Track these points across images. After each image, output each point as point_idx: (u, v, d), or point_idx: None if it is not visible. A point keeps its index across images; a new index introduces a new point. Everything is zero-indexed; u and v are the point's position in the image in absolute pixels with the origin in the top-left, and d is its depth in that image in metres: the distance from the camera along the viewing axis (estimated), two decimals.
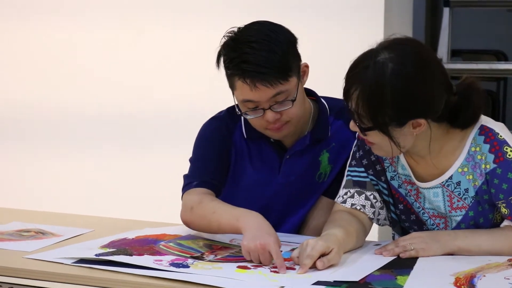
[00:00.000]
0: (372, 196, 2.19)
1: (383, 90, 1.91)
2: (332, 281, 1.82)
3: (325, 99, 2.39)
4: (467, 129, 2.05)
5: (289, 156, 2.34)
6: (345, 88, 1.98)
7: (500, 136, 2.03)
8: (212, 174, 2.30)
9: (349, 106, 1.98)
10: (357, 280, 1.83)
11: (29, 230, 2.35)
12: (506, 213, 2.03)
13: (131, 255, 2.00)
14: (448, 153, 2.07)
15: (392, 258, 2.02)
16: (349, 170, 2.22)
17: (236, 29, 2.21)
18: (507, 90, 5.81)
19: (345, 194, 2.20)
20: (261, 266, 1.94)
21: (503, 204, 2.02)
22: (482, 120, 2.06)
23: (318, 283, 1.81)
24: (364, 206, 2.18)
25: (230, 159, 2.34)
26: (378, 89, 1.92)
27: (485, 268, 1.90)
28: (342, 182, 2.23)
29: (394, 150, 2.00)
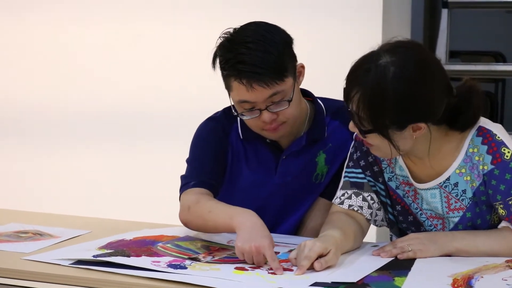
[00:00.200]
0: (369, 197, 2.19)
1: (384, 94, 1.91)
2: (330, 282, 1.82)
3: (322, 99, 2.39)
4: (465, 131, 2.05)
5: (286, 156, 2.34)
6: (345, 89, 1.98)
7: (498, 137, 2.03)
8: (209, 174, 2.30)
9: (349, 107, 1.98)
10: (355, 281, 1.83)
11: (27, 231, 2.35)
12: (503, 214, 2.03)
13: (128, 256, 2.00)
14: (446, 154, 2.07)
15: (389, 259, 2.02)
16: (346, 171, 2.22)
17: (231, 30, 2.21)
18: (505, 91, 5.81)
19: (343, 195, 2.20)
20: (258, 268, 1.94)
21: (501, 205, 2.02)
22: (480, 121, 2.06)
23: (316, 284, 1.81)
24: (362, 207, 2.18)
25: (227, 160, 2.34)
26: (379, 93, 1.91)
27: (483, 269, 1.90)
28: (339, 183, 2.23)
29: (393, 152, 2.00)
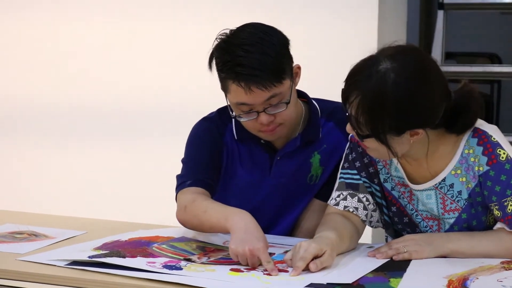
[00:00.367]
0: (365, 198, 2.19)
1: (384, 100, 1.90)
2: (325, 283, 1.82)
3: (316, 100, 2.39)
4: (462, 133, 2.06)
5: (280, 157, 2.33)
6: (344, 92, 1.97)
7: (493, 138, 2.03)
8: (206, 173, 2.29)
9: (347, 110, 1.98)
10: (350, 283, 1.83)
11: (22, 232, 2.34)
12: (499, 215, 2.03)
13: (124, 257, 2.00)
14: (442, 156, 2.07)
15: (385, 261, 2.02)
16: (341, 173, 2.22)
17: (228, 31, 2.21)
18: (501, 92, 5.82)
19: (338, 196, 2.20)
20: (254, 269, 1.94)
21: (496, 207, 2.02)
22: (476, 123, 2.07)
23: (311, 285, 1.81)
24: (357, 208, 2.18)
25: (222, 160, 2.34)
26: (379, 99, 1.91)
27: (478, 271, 1.91)
28: (334, 184, 2.23)
29: (390, 154, 2.00)
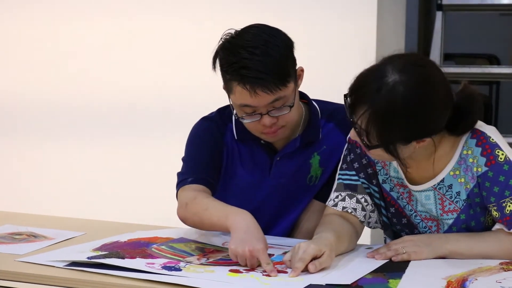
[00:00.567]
0: (363, 199, 2.19)
1: (394, 114, 1.91)
2: (324, 284, 1.82)
3: (317, 102, 2.39)
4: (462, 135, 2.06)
5: (280, 158, 2.34)
6: (352, 105, 1.96)
7: (492, 139, 2.03)
8: (206, 171, 2.29)
9: (352, 119, 1.97)
10: (349, 283, 1.83)
11: (21, 233, 2.34)
12: (497, 216, 2.03)
13: (123, 258, 2.00)
14: (441, 156, 2.07)
15: (384, 262, 2.02)
16: (340, 174, 2.22)
17: (233, 32, 2.20)
18: (499, 94, 5.83)
19: (336, 197, 2.20)
20: (253, 270, 1.94)
21: (494, 207, 2.02)
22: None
23: (310, 286, 1.81)
24: (355, 209, 2.18)
25: (222, 160, 2.34)
26: (389, 113, 1.91)
27: (477, 272, 1.91)
28: (333, 186, 2.23)
29: (395, 160, 2.01)
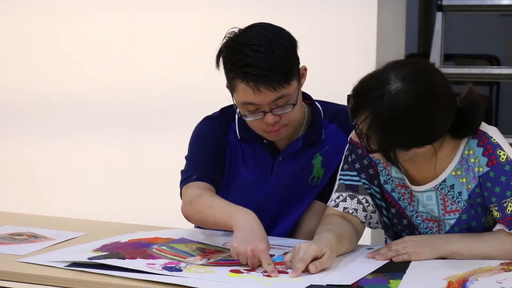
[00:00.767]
0: (364, 200, 2.19)
1: (395, 122, 1.91)
2: (324, 285, 1.82)
3: (319, 102, 2.39)
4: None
5: (282, 158, 2.34)
6: (354, 110, 1.97)
7: (493, 139, 2.03)
8: (210, 169, 2.30)
9: (354, 122, 1.98)
10: (350, 284, 1.83)
11: (22, 233, 2.34)
12: (498, 216, 2.03)
13: (123, 258, 2.00)
14: (442, 157, 2.06)
15: (384, 262, 2.02)
16: (341, 174, 2.22)
17: (237, 31, 2.21)
18: (499, 94, 5.83)
19: (337, 198, 2.20)
20: (253, 270, 1.94)
21: (496, 208, 2.02)
22: None
23: (311, 286, 1.81)
24: (357, 210, 2.18)
25: (225, 160, 2.35)
26: (390, 121, 1.91)
27: (478, 272, 1.91)
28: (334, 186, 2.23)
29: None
